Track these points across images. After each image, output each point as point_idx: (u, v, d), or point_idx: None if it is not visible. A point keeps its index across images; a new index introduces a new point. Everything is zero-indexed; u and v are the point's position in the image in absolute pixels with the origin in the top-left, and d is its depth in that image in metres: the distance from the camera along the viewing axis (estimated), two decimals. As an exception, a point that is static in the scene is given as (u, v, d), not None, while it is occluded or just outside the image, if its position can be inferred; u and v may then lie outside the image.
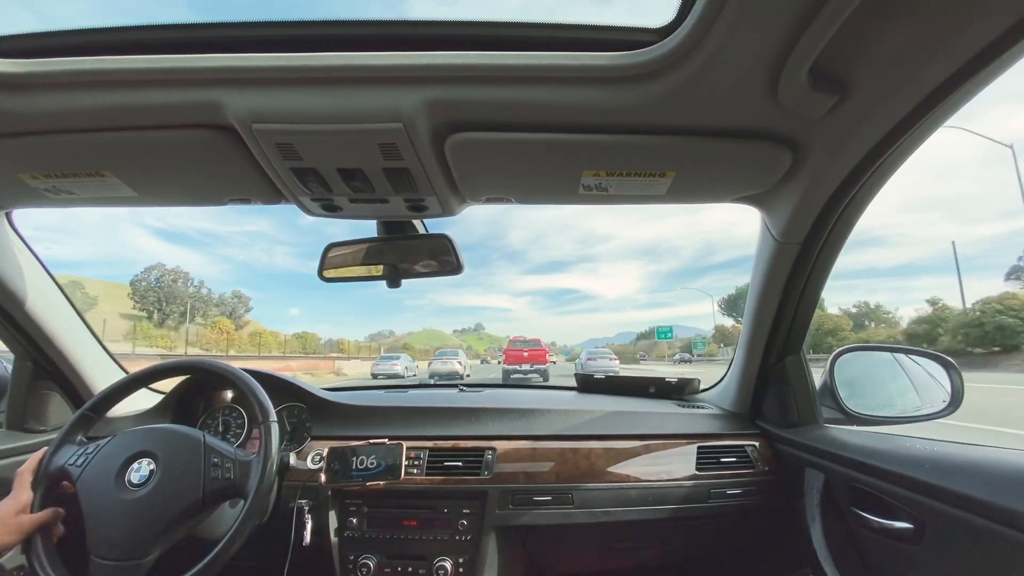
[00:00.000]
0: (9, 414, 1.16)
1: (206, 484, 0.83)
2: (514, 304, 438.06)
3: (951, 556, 0.70)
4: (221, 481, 0.84)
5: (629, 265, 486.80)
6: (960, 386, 1.04)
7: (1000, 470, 0.67)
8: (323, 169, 0.76)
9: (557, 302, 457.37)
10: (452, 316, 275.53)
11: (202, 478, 0.83)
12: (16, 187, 0.82)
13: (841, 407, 1.10)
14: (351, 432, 1.17)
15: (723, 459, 1.14)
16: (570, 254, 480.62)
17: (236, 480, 0.84)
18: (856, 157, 0.74)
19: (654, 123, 0.68)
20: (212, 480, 0.83)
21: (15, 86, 0.62)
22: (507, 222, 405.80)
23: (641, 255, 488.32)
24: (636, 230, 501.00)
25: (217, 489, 0.83)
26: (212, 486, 0.83)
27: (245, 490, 0.83)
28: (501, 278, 28.41)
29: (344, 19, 0.61)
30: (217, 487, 0.83)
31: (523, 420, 1.21)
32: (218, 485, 0.83)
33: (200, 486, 0.82)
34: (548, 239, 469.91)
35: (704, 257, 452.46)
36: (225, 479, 0.84)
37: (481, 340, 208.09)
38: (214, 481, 0.83)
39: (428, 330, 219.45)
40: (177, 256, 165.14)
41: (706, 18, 0.52)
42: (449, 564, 1.06)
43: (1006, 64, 0.54)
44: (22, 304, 1.03)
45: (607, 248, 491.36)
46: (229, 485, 0.84)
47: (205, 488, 0.83)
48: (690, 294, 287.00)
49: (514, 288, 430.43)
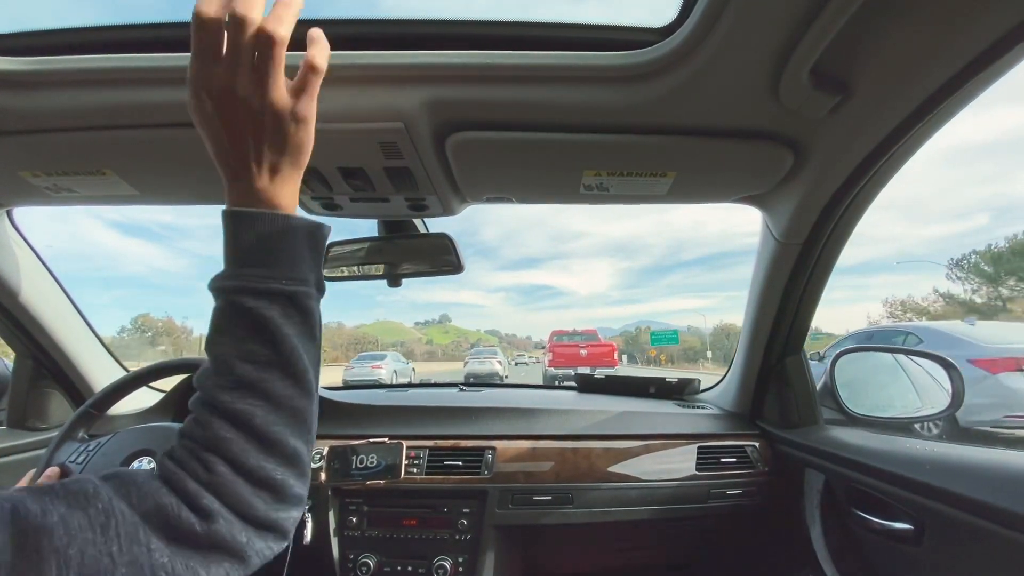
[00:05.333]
0: (10, 412, 1.16)
1: None
2: (487, 300, 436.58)
3: (951, 557, 0.70)
4: None
5: (602, 262, 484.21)
6: (961, 387, 1.04)
7: (1001, 471, 0.67)
8: (323, 168, 0.76)
9: (531, 298, 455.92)
10: (424, 312, 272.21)
11: None
12: (17, 185, 0.82)
13: (841, 408, 1.10)
14: (351, 431, 1.17)
15: (723, 459, 1.14)
16: (543, 251, 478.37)
17: None
18: (858, 158, 0.73)
19: (655, 123, 0.68)
20: None
21: (17, 84, 0.62)
22: (480, 219, 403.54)
23: (614, 252, 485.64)
24: (609, 227, 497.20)
25: None
26: None
27: None
28: (474, 274, 28.34)
29: (344, 18, 0.61)
30: None
31: (523, 420, 1.21)
32: None
33: None
34: (521, 236, 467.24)
35: (674, 254, 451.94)
36: None
37: (446, 333, 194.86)
38: None
39: (383, 322, 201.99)
40: (136, 250, 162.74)
41: (708, 18, 0.52)
42: (449, 563, 1.06)
43: (1008, 65, 0.54)
44: (23, 302, 1.03)
45: (580, 245, 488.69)
46: None
47: None
48: (659, 290, 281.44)
49: (487, 284, 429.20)
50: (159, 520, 0.34)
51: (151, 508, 0.35)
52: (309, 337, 0.44)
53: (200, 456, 0.39)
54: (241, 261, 0.43)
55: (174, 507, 0.35)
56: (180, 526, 0.35)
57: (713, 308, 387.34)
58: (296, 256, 0.45)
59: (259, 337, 0.42)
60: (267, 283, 0.43)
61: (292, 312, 0.43)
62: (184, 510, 0.36)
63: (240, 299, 0.42)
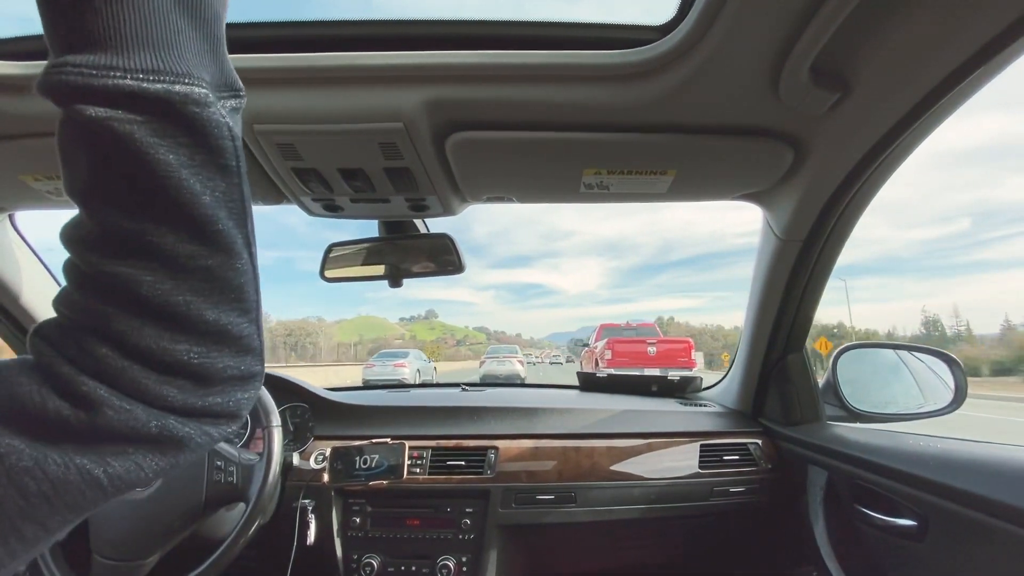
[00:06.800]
0: None
1: (208, 487, 0.83)
2: (477, 298, 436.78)
3: (955, 553, 0.70)
4: (224, 485, 0.84)
5: (591, 261, 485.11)
6: (964, 382, 1.04)
7: (1004, 467, 0.67)
8: (324, 169, 0.76)
9: (521, 296, 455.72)
10: (411, 308, 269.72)
11: (205, 481, 0.83)
12: (18, 189, 0.83)
13: (844, 404, 1.10)
14: (354, 432, 1.17)
15: (726, 457, 1.14)
16: (534, 249, 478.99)
17: (239, 484, 0.84)
18: (858, 154, 0.73)
19: (655, 121, 0.68)
20: (215, 483, 0.83)
21: (18, 88, 0.63)
22: (471, 217, 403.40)
23: (604, 251, 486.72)
24: (599, 226, 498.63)
25: (219, 493, 0.84)
26: (214, 489, 0.83)
27: (247, 495, 0.83)
28: (465, 272, 28.39)
29: (344, 19, 0.61)
30: (219, 491, 0.84)
31: (525, 419, 1.21)
32: (220, 489, 0.84)
33: (203, 490, 0.83)
34: (512, 234, 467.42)
35: (664, 254, 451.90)
36: (228, 483, 0.84)
37: (432, 330, 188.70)
38: (216, 484, 0.84)
39: (364, 317, 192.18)
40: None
41: (707, 15, 0.52)
42: (452, 563, 1.06)
43: (1006, 61, 0.54)
44: (24, 305, 1.04)
45: (570, 244, 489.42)
46: (231, 489, 0.84)
47: (207, 491, 0.83)
48: (648, 289, 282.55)
49: (478, 282, 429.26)
50: (12, 414, 0.27)
51: (1, 400, 0.27)
52: (212, 167, 0.30)
53: (74, 333, 0.29)
54: (69, 43, 0.27)
55: (35, 396, 0.28)
56: (46, 418, 0.27)
57: (702, 308, 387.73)
58: (165, 30, 0.28)
59: (121, 169, 0.28)
60: (113, 80, 0.26)
61: (171, 128, 0.28)
62: (53, 399, 0.28)
63: (76, 108, 0.27)
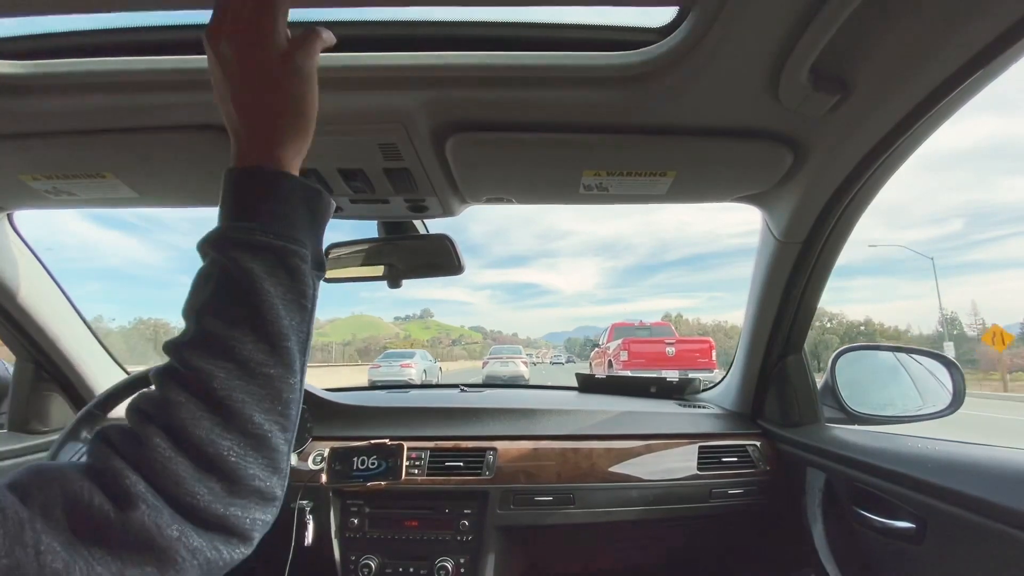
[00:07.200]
0: (11, 415, 1.16)
1: None
2: (473, 298, 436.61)
3: (953, 556, 0.70)
4: None
5: (588, 261, 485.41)
6: (962, 385, 1.04)
7: (1002, 469, 0.67)
8: (323, 170, 0.76)
9: (517, 296, 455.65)
10: (406, 307, 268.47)
11: None
12: (17, 188, 0.82)
13: (843, 406, 1.10)
14: (352, 432, 1.17)
15: (724, 459, 1.14)
16: (530, 249, 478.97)
17: None
18: (857, 156, 0.73)
19: (654, 123, 0.68)
20: None
21: (17, 87, 0.62)
22: (468, 217, 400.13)
23: (600, 251, 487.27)
24: (595, 226, 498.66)
25: None
26: None
27: None
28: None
29: (344, 20, 0.61)
30: None
31: (524, 420, 1.21)
32: None
33: None
34: (509, 234, 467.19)
35: (659, 255, 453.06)
36: None
37: (427, 329, 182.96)
38: None
39: (358, 316, 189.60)
40: (114, 240, 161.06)
41: (706, 17, 0.52)
42: (450, 564, 1.06)
43: (1005, 64, 0.54)
44: (23, 305, 1.03)
45: (567, 244, 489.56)
46: None
47: None
48: (644, 290, 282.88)
49: (474, 282, 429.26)
50: (62, 512, 0.28)
51: (52, 499, 0.28)
52: (295, 304, 0.38)
53: (139, 427, 0.32)
54: (229, 216, 0.39)
55: (85, 493, 0.28)
56: (90, 516, 0.28)
57: (697, 308, 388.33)
58: (291, 215, 0.40)
59: (235, 290, 0.36)
60: (252, 235, 0.37)
61: (278, 271, 0.37)
62: (98, 496, 0.28)
63: (220, 251, 0.37)
